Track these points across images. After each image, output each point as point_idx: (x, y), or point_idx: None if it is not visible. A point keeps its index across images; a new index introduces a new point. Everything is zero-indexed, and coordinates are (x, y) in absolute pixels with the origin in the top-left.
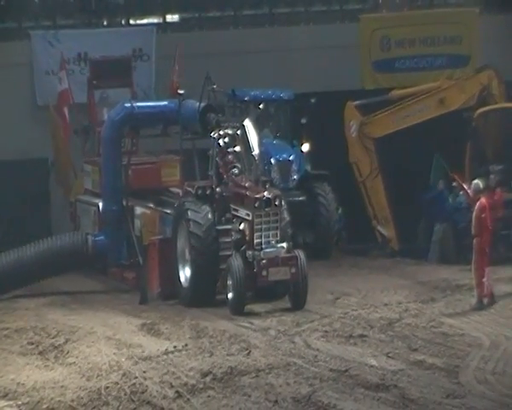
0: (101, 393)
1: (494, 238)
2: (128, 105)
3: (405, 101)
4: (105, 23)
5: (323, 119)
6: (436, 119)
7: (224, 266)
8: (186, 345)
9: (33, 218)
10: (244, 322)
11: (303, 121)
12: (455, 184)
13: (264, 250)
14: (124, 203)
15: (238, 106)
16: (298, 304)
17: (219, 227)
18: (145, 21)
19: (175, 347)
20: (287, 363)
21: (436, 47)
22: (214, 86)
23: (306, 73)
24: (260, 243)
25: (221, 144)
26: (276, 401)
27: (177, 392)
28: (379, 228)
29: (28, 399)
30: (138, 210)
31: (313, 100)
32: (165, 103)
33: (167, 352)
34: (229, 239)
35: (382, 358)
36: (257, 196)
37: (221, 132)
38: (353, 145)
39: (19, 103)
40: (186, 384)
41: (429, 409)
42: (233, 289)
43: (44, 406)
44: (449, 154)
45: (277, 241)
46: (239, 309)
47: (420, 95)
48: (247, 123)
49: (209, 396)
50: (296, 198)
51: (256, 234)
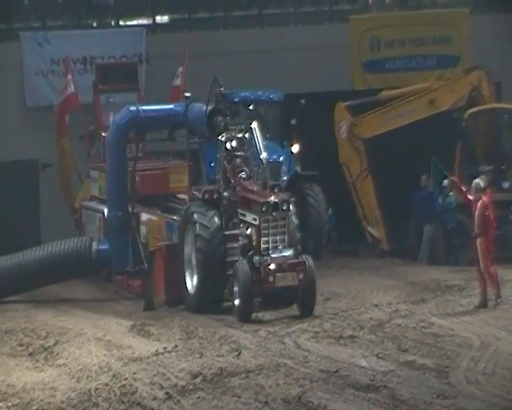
0: (91, 394)
1: None
2: (133, 109)
3: (395, 101)
4: (94, 24)
5: (313, 119)
6: (426, 119)
7: (231, 272)
8: (176, 346)
9: (22, 220)
10: (235, 323)
11: (293, 122)
12: (445, 185)
13: (271, 255)
14: (129, 209)
15: (228, 107)
16: (306, 311)
17: (226, 232)
18: (135, 23)
19: (165, 348)
20: (277, 364)
21: (426, 47)
22: (222, 89)
23: (296, 74)
24: (267, 249)
25: (228, 148)
26: (266, 402)
27: (167, 393)
28: (369, 229)
29: (18, 400)
30: (144, 216)
31: (303, 101)
32: (171, 107)
33: (157, 353)
34: (236, 245)
35: (372, 359)
36: (264, 201)
37: (228, 136)
38: (343, 146)
39: (8, 105)
40: (176, 385)
41: None
42: (239, 295)
43: (34, 407)
44: (439, 154)
45: (285, 246)
46: (246, 316)
47: (410, 95)
48: (255, 125)
49: (199, 397)
50: None
51: (263, 239)
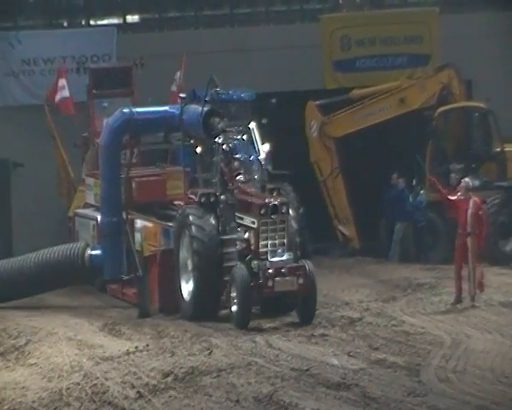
0: (62, 394)
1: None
2: (127, 111)
3: (366, 100)
4: (65, 24)
5: (284, 119)
6: (397, 118)
7: (229, 278)
8: (147, 345)
9: None
10: (207, 322)
11: (264, 121)
12: (415, 183)
13: (269, 259)
14: (124, 216)
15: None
16: (306, 318)
17: (223, 237)
18: (105, 22)
19: (136, 347)
20: (248, 363)
21: (396, 46)
22: (217, 89)
23: (267, 73)
24: (266, 253)
25: (226, 150)
26: (238, 401)
27: (139, 392)
28: (340, 227)
29: None
30: (139, 223)
31: (274, 100)
32: (165, 109)
33: (128, 352)
34: (233, 249)
35: (343, 357)
36: (263, 203)
37: (225, 137)
38: (314, 145)
39: None
40: (147, 385)
41: (390, 408)
42: (238, 301)
43: (6, 407)
44: (409, 153)
45: (284, 250)
46: (244, 323)
47: (380, 94)
48: (253, 126)
49: (170, 396)
50: None
51: (262, 243)
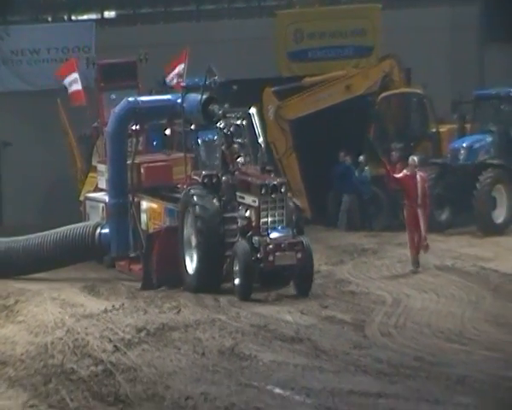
0: (47, 347)
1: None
2: (132, 100)
3: (316, 87)
4: (49, 19)
5: (244, 103)
6: (344, 102)
7: (230, 253)
8: (123, 304)
9: None
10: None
11: (226, 106)
12: (361, 160)
13: (270, 235)
14: (130, 198)
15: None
16: (303, 290)
17: (225, 215)
18: (85, 17)
19: (113, 306)
20: (212, 319)
21: (343, 39)
22: (215, 78)
23: (229, 63)
24: (266, 229)
25: (227, 133)
26: (203, 354)
27: (115, 346)
28: (294, 200)
29: None
30: (145, 204)
31: (235, 87)
32: (168, 97)
33: (106, 311)
34: (234, 226)
35: (297, 314)
36: (263, 183)
37: (226, 122)
38: (271, 127)
39: None
40: (123, 339)
41: (339, 359)
42: (240, 274)
43: None
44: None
45: (283, 226)
46: (246, 295)
47: (329, 81)
48: (253, 111)
49: (143, 350)
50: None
51: (262, 220)
